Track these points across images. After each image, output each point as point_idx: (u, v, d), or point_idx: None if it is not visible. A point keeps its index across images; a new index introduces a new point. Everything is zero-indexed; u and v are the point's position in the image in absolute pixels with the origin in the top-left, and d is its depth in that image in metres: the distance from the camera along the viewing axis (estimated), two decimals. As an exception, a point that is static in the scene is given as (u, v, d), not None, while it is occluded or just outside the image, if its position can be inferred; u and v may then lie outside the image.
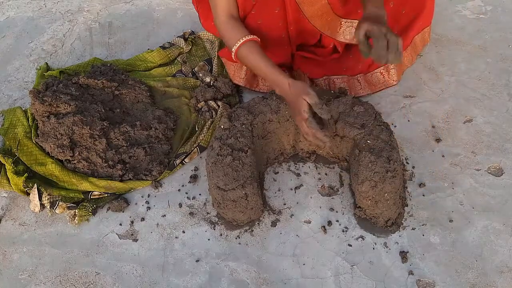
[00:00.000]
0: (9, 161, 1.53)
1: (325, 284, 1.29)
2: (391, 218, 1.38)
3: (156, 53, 1.93)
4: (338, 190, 1.49)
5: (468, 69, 1.80)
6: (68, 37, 2.11)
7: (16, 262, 1.38)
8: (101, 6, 2.26)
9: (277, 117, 1.49)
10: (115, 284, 1.32)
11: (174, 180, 1.55)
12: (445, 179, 1.50)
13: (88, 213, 1.46)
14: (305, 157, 1.57)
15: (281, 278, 1.31)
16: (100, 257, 1.38)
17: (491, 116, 1.67)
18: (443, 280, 1.29)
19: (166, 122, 1.65)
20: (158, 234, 1.42)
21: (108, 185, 1.50)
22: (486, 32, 1.96)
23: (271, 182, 1.53)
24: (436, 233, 1.38)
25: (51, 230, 1.44)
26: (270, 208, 1.46)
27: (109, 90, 1.72)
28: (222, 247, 1.38)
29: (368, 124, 1.42)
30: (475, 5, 2.09)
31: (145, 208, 1.49)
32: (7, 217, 1.48)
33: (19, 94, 1.87)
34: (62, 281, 1.33)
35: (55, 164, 1.53)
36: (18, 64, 2.00)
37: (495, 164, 1.53)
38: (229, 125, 1.43)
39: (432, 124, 1.65)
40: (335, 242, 1.37)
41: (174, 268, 1.35)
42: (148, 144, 1.59)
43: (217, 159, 1.36)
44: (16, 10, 2.28)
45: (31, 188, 1.47)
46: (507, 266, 1.31)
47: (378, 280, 1.29)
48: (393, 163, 1.33)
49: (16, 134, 1.63)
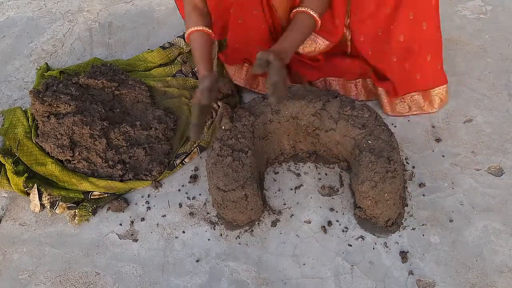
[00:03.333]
0: (9, 161, 1.53)
1: (325, 284, 1.29)
2: (391, 218, 1.38)
3: (156, 53, 1.93)
4: (338, 190, 1.49)
5: (468, 69, 1.80)
6: (68, 37, 2.11)
7: (16, 262, 1.38)
8: (101, 6, 2.26)
9: (278, 118, 1.49)
10: (115, 284, 1.32)
11: (174, 180, 1.55)
12: (445, 179, 1.50)
13: (88, 213, 1.46)
14: (305, 157, 1.57)
15: (281, 278, 1.31)
16: (100, 257, 1.38)
17: (491, 116, 1.67)
18: (443, 280, 1.29)
19: (166, 122, 1.65)
20: (158, 234, 1.42)
21: (108, 185, 1.50)
22: (486, 32, 1.96)
23: (271, 182, 1.53)
24: (436, 233, 1.38)
25: (51, 230, 1.44)
26: (270, 208, 1.46)
27: (109, 90, 1.72)
28: (222, 247, 1.38)
29: (369, 124, 1.42)
30: (475, 5, 2.10)
31: (145, 208, 1.49)
32: (7, 217, 1.48)
33: (19, 94, 1.87)
34: (62, 281, 1.33)
35: (55, 164, 1.53)
36: (18, 64, 2.00)
37: (495, 164, 1.53)
38: (230, 126, 1.43)
39: (432, 124, 1.65)
40: (335, 242, 1.37)
41: (174, 268, 1.35)
42: (148, 144, 1.59)
43: (217, 159, 1.36)
44: (16, 10, 2.28)
45: (31, 188, 1.47)
46: (507, 266, 1.31)
47: (378, 280, 1.29)
48: (393, 164, 1.33)
49: (16, 134, 1.63)
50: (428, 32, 1.52)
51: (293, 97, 1.50)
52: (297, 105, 1.49)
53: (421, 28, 1.51)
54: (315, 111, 1.49)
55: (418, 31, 1.52)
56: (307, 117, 1.50)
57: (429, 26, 1.51)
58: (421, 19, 1.50)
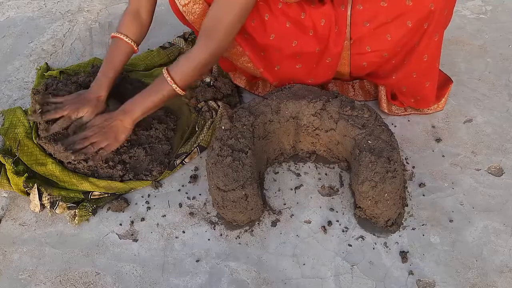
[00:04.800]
0: (9, 161, 1.53)
1: (325, 284, 1.29)
2: (391, 218, 1.38)
3: (156, 53, 1.93)
4: (338, 190, 1.49)
5: (468, 69, 1.80)
6: (68, 37, 2.11)
7: (16, 262, 1.38)
8: (101, 6, 2.27)
9: (278, 118, 1.49)
10: (115, 284, 1.32)
11: (174, 180, 1.55)
12: (445, 179, 1.50)
13: (88, 213, 1.46)
14: (305, 157, 1.57)
15: (281, 278, 1.31)
16: (100, 257, 1.38)
17: (491, 116, 1.67)
18: (443, 280, 1.29)
19: (166, 122, 1.65)
20: (158, 234, 1.42)
21: (109, 185, 1.50)
22: (486, 32, 1.97)
23: (271, 182, 1.53)
24: (436, 233, 1.38)
25: (51, 230, 1.44)
26: (270, 208, 1.46)
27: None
28: (222, 247, 1.38)
29: (369, 124, 1.42)
30: (475, 5, 2.10)
31: (145, 208, 1.49)
32: (7, 217, 1.48)
33: (19, 94, 1.87)
34: (62, 281, 1.33)
35: (56, 164, 1.53)
36: (18, 64, 2.00)
37: (495, 164, 1.54)
38: (230, 126, 1.43)
39: (432, 124, 1.65)
40: (335, 242, 1.37)
41: (174, 268, 1.35)
42: (149, 144, 1.59)
43: (217, 159, 1.36)
44: (16, 10, 2.28)
45: (31, 188, 1.47)
46: (507, 266, 1.31)
47: (378, 280, 1.29)
48: (393, 164, 1.33)
49: (17, 135, 1.62)
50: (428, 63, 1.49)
51: (293, 97, 1.50)
52: (297, 105, 1.49)
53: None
54: (315, 111, 1.49)
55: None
56: (307, 117, 1.50)
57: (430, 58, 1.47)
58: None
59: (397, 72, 1.52)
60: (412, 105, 1.64)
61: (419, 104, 1.63)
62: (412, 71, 1.50)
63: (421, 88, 1.56)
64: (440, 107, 1.67)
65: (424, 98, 1.60)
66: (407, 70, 1.50)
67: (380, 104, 1.68)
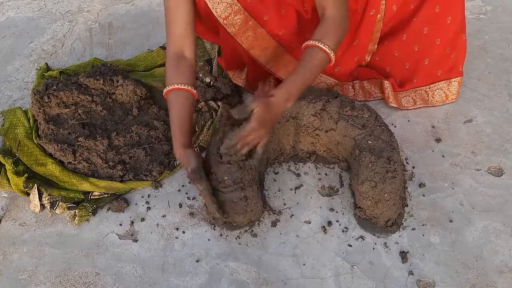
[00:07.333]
0: (9, 161, 1.53)
1: (325, 284, 1.29)
2: (391, 218, 1.38)
3: (156, 53, 1.93)
4: (338, 190, 1.49)
5: (468, 69, 1.80)
6: (68, 38, 2.11)
7: (16, 262, 1.38)
8: (101, 7, 2.27)
9: (277, 117, 1.49)
10: (115, 284, 1.32)
11: (174, 180, 1.55)
12: (445, 179, 1.50)
13: (88, 213, 1.46)
14: (305, 157, 1.57)
15: (281, 278, 1.31)
16: (100, 257, 1.38)
17: (491, 116, 1.67)
18: (443, 280, 1.29)
19: (166, 122, 1.65)
20: (158, 235, 1.42)
21: (109, 185, 1.50)
22: (486, 32, 1.97)
23: (271, 182, 1.53)
24: (436, 233, 1.38)
25: (51, 230, 1.44)
26: (270, 208, 1.46)
27: (109, 90, 1.72)
28: (222, 247, 1.38)
29: (369, 124, 1.42)
30: (475, 5, 2.10)
31: (145, 208, 1.49)
32: (7, 217, 1.48)
33: (19, 94, 1.87)
34: (62, 281, 1.33)
35: (56, 165, 1.53)
36: (18, 64, 2.00)
37: (495, 164, 1.54)
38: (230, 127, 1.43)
39: (432, 124, 1.65)
40: (335, 242, 1.37)
41: (174, 268, 1.35)
42: (148, 144, 1.59)
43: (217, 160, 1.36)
44: (16, 10, 2.28)
45: (31, 188, 1.47)
46: (507, 266, 1.31)
47: (378, 280, 1.29)
48: (393, 164, 1.33)
49: (17, 135, 1.62)
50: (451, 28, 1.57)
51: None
52: (297, 105, 1.48)
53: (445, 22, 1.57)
54: (315, 111, 1.49)
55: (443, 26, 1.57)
56: (307, 117, 1.50)
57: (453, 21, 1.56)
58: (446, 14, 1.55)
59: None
60: (439, 78, 1.66)
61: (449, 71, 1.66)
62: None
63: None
64: (454, 96, 1.69)
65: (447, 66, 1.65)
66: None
67: (388, 101, 1.68)
